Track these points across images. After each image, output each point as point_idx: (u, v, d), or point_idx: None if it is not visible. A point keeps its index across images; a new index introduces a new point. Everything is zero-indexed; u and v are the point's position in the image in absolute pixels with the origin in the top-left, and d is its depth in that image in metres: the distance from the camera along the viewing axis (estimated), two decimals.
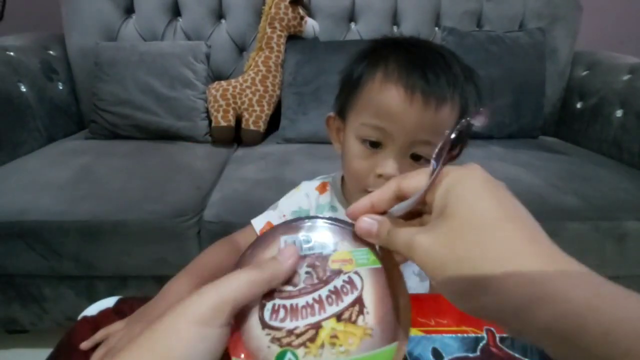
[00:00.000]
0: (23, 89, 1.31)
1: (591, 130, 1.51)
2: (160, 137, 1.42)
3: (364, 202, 0.27)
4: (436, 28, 1.63)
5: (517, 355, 0.39)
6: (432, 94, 0.44)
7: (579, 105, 1.60)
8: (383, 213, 0.27)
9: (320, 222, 0.28)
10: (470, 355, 0.39)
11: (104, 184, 1.09)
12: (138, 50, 1.44)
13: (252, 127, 1.45)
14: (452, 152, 0.24)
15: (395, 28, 1.63)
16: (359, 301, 0.25)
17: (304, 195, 0.60)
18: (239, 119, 1.46)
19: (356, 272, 0.26)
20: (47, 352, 0.40)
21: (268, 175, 1.17)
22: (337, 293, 0.25)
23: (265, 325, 0.24)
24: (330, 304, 0.24)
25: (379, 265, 0.27)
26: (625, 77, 1.42)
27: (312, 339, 0.23)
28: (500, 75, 1.50)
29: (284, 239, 0.27)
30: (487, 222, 0.21)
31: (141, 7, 1.56)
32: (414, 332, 0.41)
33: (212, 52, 1.53)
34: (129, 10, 1.57)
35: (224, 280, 0.24)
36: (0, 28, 1.67)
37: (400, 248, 0.24)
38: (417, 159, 0.47)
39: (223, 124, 1.41)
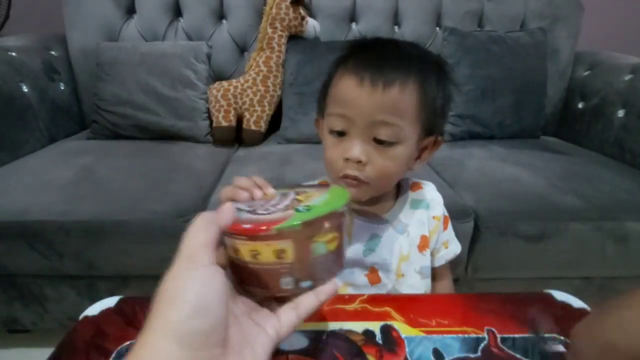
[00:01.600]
0: (25, 89, 1.32)
1: (593, 131, 1.50)
2: (161, 137, 1.43)
3: None
4: (437, 28, 1.63)
5: (518, 355, 0.39)
6: (380, 78, 0.48)
7: (580, 106, 1.60)
8: None
9: None
10: (471, 355, 0.39)
11: (105, 184, 1.09)
12: (139, 51, 1.44)
13: (253, 127, 1.45)
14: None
15: (396, 28, 1.63)
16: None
17: None
18: (240, 119, 1.46)
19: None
20: (49, 351, 0.40)
21: (269, 176, 1.16)
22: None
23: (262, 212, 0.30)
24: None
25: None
26: (627, 77, 1.42)
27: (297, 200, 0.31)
28: (501, 76, 1.50)
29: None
30: None
31: (142, 7, 1.56)
32: (415, 332, 0.41)
33: (213, 52, 1.53)
34: (130, 11, 1.57)
35: (188, 234, 0.28)
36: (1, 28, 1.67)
37: None
38: (381, 143, 0.50)
39: (224, 124, 1.41)
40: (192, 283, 0.25)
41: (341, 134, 0.51)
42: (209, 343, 0.24)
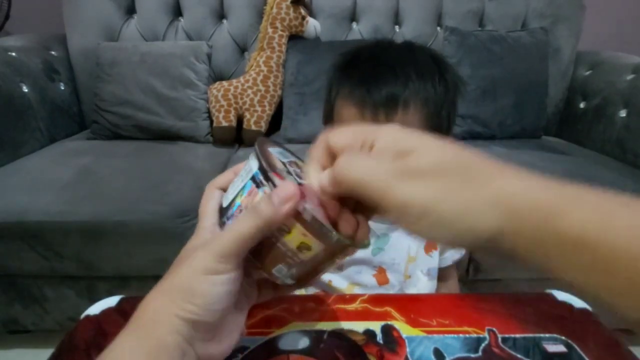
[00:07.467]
0: (25, 89, 1.32)
1: (594, 131, 1.50)
2: (161, 137, 1.43)
3: (313, 164, 0.29)
4: (438, 28, 1.63)
5: (519, 355, 0.38)
6: (380, 107, 0.48)
7: (582, 105, 1.59)
8: None
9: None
10: (472, 355, 0.38)
11: (105, 184, 1.09)
12: (139, 51, 1.44)
13: (253, 127, 1.44)
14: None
15: (396, 28, 1.63)
16: None
17: None
18: (240, 119, 1.46)
19: None
20: (49, 352, 0.40)
21: None
22: None
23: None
24: None
25: None
26: (629, 77, 1.42)
27: None
28: (502, 75, 1.50)
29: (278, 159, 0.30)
30: (461, 160, 0.24)
31: (142, 7, 1.56)
32: (416, 332, 0.41)
33: (214, 52, 1.53)
34: (131, 11, 1.57)
35: (224, 234, 0.26)
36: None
37: (369, 189, 0.24)
38: None
39: (224, 124, 1.41)
40: (217, 290, 0.25)
41: None
42: (210, 330, 0.26)
